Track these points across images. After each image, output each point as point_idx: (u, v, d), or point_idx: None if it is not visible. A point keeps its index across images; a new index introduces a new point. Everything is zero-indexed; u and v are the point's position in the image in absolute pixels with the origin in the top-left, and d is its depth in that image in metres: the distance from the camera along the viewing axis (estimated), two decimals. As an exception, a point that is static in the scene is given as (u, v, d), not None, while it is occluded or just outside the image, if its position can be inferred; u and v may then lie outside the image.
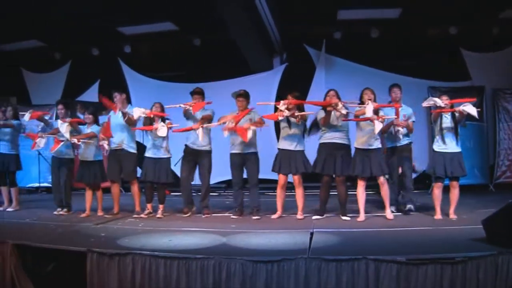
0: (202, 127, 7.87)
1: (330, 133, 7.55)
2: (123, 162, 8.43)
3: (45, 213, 8.80)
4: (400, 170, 7.94)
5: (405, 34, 11.39)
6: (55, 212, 8.78)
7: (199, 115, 8.07)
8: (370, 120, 7.07)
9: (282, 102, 7.48)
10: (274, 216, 7.78)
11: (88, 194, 8.61)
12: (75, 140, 8.29)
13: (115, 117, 8.41)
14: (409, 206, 7.88)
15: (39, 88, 13.83)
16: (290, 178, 7.88)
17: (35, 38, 12.59)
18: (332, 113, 7.37)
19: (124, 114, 8.16)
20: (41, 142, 8.66)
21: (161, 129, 7.88)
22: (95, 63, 13.35)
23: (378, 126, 7.05)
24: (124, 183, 9.62)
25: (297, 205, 7.80)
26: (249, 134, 7.63)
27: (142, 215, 8.13)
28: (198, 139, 7.93)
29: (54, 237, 6.49)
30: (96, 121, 8.60)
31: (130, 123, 8.23)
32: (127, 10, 10.59)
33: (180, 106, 7.96)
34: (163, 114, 8.10)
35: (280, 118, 7.57)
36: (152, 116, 8.05)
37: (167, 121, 8.11)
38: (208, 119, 8.09)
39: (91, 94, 13.21)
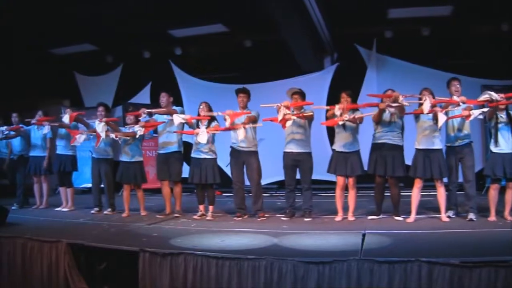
0: (244, 127, 7.79)
1: (382, 133, 7.46)
2: (170, 162, 8.48)
3: (98, 213, 8.94)
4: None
5: (456, 32, 11.10)
6: (92, 212, 8.97)
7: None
8: (433, 113, 6.95)
9: (337, 107, 7.38)
10: (337, 218, 7.65)
11: (126, 194, 8.73)
12: (113, 135, 8.47)
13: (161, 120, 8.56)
14: (471, 216, 7.08)
15: (92, 91, 14.02)
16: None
17: (87, 42, 12.78)
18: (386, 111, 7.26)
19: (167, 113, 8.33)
20: (80, 138, 8.80)
21: (201, 135, 7.84)
22: (146, 66, 13.48)
23: (442, 118, 6.87)
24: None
25: (349, 207, 7.69)
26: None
27: (194, 217, 8.14)
28: (243, 140, 7.85)
29: (107, 237, 6.58)
30: (137, 122, 8.66)
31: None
32: (177, 13, 10.64)
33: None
34: (205, 117, 8.06)
35: (340, 123, 7.45)
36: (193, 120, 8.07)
37: (214, 123, 8.11)
38: (253, 120, 7.99)
39: (143, 96, 13.41)
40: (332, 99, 7.48)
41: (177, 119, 8.06)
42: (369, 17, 10.83)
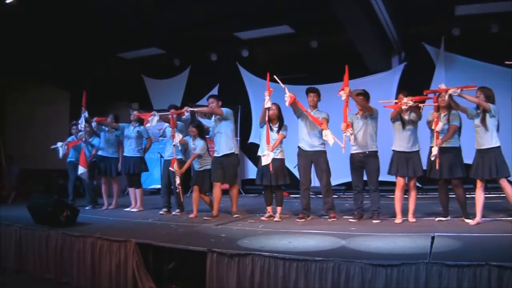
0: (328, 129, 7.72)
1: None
2: (224, 165, 8.53)
3: (167, 214, 9.06)
4: None
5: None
6: (160, 212, 9.09)
7: (314, 115, 7.92)
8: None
9: (405, 99, 7.25)
10: (397, 221, 7.49)
11: (196, 195, 8.78)
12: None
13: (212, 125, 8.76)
14: None
15: (160, 94, 14.27)
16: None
17: (154, 46, 13.01)
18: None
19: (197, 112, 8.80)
20: (153, 120, 8.92)
21: (265, 157, 7.91)
22: (214, 68, 13.61)
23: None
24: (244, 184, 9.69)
25: (409, 208, 7.54)
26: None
27: (262, 218, 8.13)
28: (328, 142, 7.73)
29: (175, 237, 6.62)
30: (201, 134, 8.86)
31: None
32: (243, 15, 10.69)
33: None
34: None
35: (403, 107, 7.28)
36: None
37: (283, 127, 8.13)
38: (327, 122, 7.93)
39: (211, 98, 13.48)
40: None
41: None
42: (436, 15, 10.68)
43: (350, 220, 7.76)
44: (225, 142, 8.48)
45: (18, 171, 13.47)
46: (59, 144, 10.30)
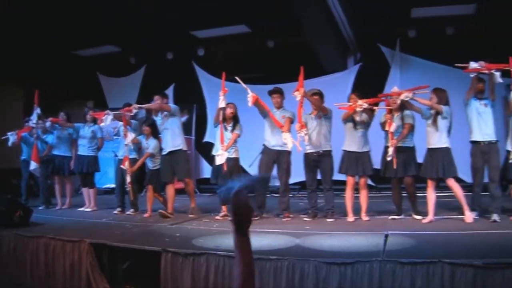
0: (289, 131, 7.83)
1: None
2: (173, 163, 8.52)
3: (121, 214, 8.99)
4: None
5: (480, 31, 10.93)
6: (115, 212, 9.04)
7: (278, 115, 8.01)
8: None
9: (359, 101, 7.42)
10: (349, 219, 7.61)
11: (150, 194, 8.78)
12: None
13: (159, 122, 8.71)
14: (494, 217, 6.86)
15: (115, 92, 14.08)
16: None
17: (110, 43, 12.86)
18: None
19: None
20: (107, 119, 8.89)
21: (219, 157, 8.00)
22: (169, 67, 13.50)
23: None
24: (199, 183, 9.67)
25: (361, 207, 7.68)
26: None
27: (217, 217, 8.13)
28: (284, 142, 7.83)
29: (130, 237, 6.61)
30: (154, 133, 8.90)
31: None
32: (200, 14, 10.66)
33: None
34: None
35: (358, 109, 7.44)
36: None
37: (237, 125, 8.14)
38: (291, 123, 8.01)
39: (167, 97, 13.40)
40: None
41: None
42: (392, 16, 10.79)
43: (305, 219, 7.84)
44: (171, 139, 8.48)
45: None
46: (9, 133, 10.11)
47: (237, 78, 8.10)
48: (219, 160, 7.89)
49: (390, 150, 7.21)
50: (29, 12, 9.87)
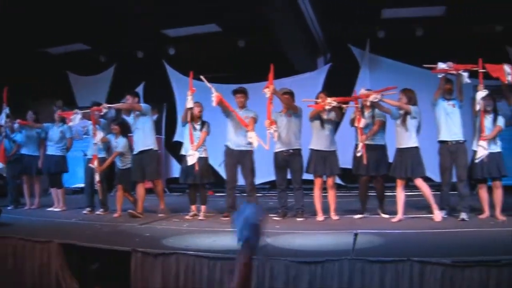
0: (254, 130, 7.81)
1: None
2: (143, 162, 8.48)
3: (91, 213, 8.92)
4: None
5: (450, 32, 11.10)
6: (84, 212, 8.97)
7: (241, 115, 8.02)
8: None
9: (328, 99, 7.46)
10: (319, 218, 7.67)
11: (119, 194, 8.76)
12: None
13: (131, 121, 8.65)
14: (463, 215, 7.03)
15: (85, 91, 13.92)
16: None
17: (80, 41, 12.72)
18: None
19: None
20: (76, 118, 8.87)
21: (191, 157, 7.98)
22: (140, 66, 13.43)
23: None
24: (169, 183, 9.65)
25: (330, 206, 7.76)
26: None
27: (186, 217, 8.14)
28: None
29: (100, 237, 6.56)
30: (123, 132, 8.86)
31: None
32: (171, 12, 10.62)
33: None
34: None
35: (327, 107, 7.48)
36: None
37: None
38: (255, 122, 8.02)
39: (137, 96, 13.32)
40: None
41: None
42: (363, 17, 10.87)
43: (274, 218, 7.83)
44: (142, 139, 8.43)
45: None
46: None
47: (202, 77, 8.09)
48: (191, 160, 7.88)
49: (359, 146, 7.30)
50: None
